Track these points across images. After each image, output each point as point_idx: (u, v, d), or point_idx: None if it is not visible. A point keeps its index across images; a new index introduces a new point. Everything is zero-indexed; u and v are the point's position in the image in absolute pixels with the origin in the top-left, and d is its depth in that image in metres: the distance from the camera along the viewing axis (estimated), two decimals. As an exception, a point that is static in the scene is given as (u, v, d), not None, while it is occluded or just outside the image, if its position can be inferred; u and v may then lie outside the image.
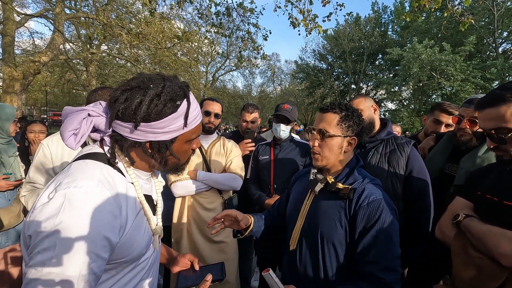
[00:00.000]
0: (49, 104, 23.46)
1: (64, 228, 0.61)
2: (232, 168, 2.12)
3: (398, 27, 23.21)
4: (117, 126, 0.74)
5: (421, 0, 3.58)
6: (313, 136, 1.16)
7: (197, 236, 2.02)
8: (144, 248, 0.82)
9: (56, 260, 0.60)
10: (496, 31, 16.14)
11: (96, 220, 0.65)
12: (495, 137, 0.99)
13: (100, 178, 0.71)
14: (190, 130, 0.81)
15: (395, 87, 20.59)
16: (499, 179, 1.10)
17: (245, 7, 5.72)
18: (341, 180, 1.12)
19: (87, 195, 0.65)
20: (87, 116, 0.73)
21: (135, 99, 0.72)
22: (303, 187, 1.27)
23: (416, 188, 1.55)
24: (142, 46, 11.50)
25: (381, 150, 1.67)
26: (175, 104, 0.75)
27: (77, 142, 0.73)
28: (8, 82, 8.74)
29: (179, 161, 0.85)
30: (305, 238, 1.14)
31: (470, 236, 1.02)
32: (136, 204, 0.81)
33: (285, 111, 2.22)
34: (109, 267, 0.74)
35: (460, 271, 1.03)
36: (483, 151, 1.55)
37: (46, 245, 0.61)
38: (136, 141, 0.76)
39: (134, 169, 0.83)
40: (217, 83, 28.52)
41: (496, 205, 1.05)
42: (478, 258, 0.97)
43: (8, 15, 9.11)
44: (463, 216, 1.09)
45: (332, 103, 1.16)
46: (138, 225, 0.80)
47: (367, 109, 1.73)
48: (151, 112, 0.72)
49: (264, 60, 6.47)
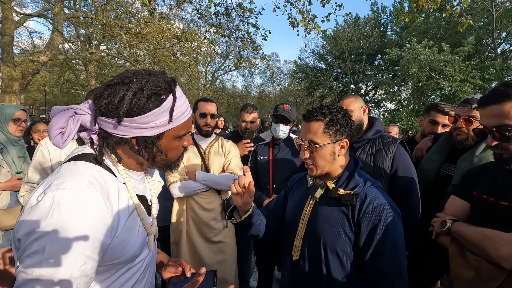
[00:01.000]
0: (48, 104, 23.40)
1: (53, 231, 0.60)
2: (231, 168, 2.12)
3: (397, 28, 23.24)
4: (102, 122, 0.73)
5: (419, 1, 3.59)
6: (302, 148, 1.11)
7: (196, 237, 2.02)
8: (138, 250, 0.81)
9: (46, 263, 0.59)
10: (495, 32, 16.18)
11: (86, 222, 0.64)
12: (497, 134, 0.98)
13: (91, 179, 0.69)
14: (178, 126, 0.78)
15: (394, 87, 20.62)
16: (495, 180, 1.10)
17: (244, 7, 5.72)
18: (342, 185, 1.08)
19: (76, 196, 0.64)
20: (74, 115, 0.72)
21: (118, 93, 0.70)
22: (302, 193, 1.23)
23: (402, 186, 1.55)
24: (141, 46, 11.50)
25: (368, 149, 1.68)
26: (159, 98, 0.72)
27: (63, 141, 0.72)
28: (7, 82, 8.72)
29: (169, 158, 0.82)
30: (307, 247, 1.10)
31: (464, 242, 1.03)
32: (128, 205, 0.79)
33: (284, 111, 2.23)
34: (102, 269, 0.73)
35: (458, 273, 1.04)
36: (480, 150, 1.55)
37: (35, 248, 0.59)
38: (122, 137, 0.74)
39: (126, 169, 0.82)
40: (217, 83, 28.50)
41: (492, 205, 1.05)
42: (475, 261, 0.98)
43: (7, 14, 9.09)
44: (451, 222, 1.10)
45: (314, 108, 1.10)
46: (131, 226, 0.78)
47: (357, 110, 1.72)
48: (133, 106, 0.70)
49: (264, 61, 6.47)
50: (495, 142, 1.01)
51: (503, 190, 1.04)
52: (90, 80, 14.66)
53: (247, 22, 6.05)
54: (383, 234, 0.96)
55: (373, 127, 1.74)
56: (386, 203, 1.00)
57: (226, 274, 2.06)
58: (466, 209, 1.17)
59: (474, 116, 1.57)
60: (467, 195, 1.18)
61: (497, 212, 1.03)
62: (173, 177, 2.01)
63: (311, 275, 1.09)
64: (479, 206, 1.12)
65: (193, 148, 2.12)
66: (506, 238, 0.91)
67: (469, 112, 1.58)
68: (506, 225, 0.95)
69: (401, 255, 0.98)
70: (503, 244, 0.90)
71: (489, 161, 1.44)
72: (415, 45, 15.79)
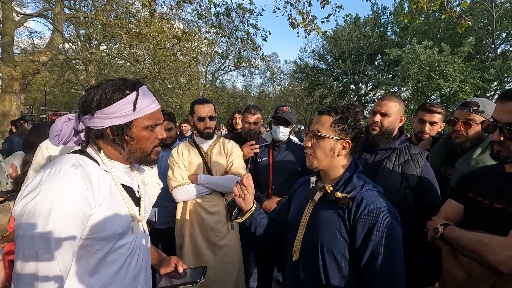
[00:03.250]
0: (48, 103, 23.42)
1: (40, 199, 0.74)
2: (234, 169, 2.07)
3: (397, 28, 23.28)
4: (84, 119, 0.90)
5: (419, 3, 3.60)
6: (308, 137, 1.16)
7: (200, 241, 1.98)
8: (119, 228, 0.90)
9: (37, 228, 0.73)
10: (495, 32, 16.19)
11: (69, 191, 0.78)
12: (506, 131, 0.99)
13: (74, 163, 0.84)
14: (144, 116, 0.91)
15: (394, 87, 20.63)
16: (490, 182, 1.12)
17: (244, 8, 5.72)
18: (339, 189, 1.10)
19: (61, 172, 0.79)
20: (67, 120, 0.92)
21: (91, 93, 0.88)
22: (304, 196, 1.25)
23: (429, 201, 1.53)
24: (142, 46, 11.51)
25: (394, 159, 1.62)
26: (123, 93, 0.88)
27: (59, 141, 0.91)
28: (7, 82, 8.73)
29: (142, 147, 0.94)
30: (306, 248, 1.13)
31: (459, 248, 1.04)
32: (111, 188, 0.91)
33: (284, 113, 2.24)
34: (86, 243, 0.83)
35: (451, 274, 1.07)
36: (478, 153, 1.57)
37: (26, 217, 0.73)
38: (98, 128, 0.88)
39: (110, 160, 0.95)
40: (217, 83, 28.53)
41: (487, 207, 1.06)
42: (467, 262, 1.00)
43: (7, 14, 9.10)
44: (442, 228, 1.11)
45: (330, 106, 1.17)
46: (112, 206, 0.89)
47: (394, 115, 1.64)
48: (101, 99, 0.86)
49: (264, 61, 6.48)
50: (501, 138, 1.01)
51: (498, 193, 1.05)
52: (90, 80, 14.68)
53: (247, 23, 6.06)
54: (379, 237, 0.97)
55: (401, 136, 1.69)
56: (383, 207, 1.00)
57: (232, 277, 2.02)
58: (460, 211, 1.19)
59: (473, 119, 1.58)
60: (463, 198, 1.20)
61: (492, 214, 1.04)
62: (175, 181, 1.97)
63: (309, 276, 1.10)
64: (474, 208, 1.13)
65: (194, 150, 2.08)
66: (502, 242, 0.92)
67: (468, 115, 1.59)
68: (500, 228, 0.96)
69: (397, 259, 0.98)
70: (500, 249, 0.90)
71: (486, 164, 1.46)
72: (415, 46, 15.80)
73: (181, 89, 14.29)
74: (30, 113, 28.93)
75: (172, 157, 2.06)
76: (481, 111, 1.57)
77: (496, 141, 1.04)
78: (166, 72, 12.41)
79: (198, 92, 19.03)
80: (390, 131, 1.65)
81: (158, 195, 1.83)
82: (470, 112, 1.59)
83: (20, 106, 9.35)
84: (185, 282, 1.06)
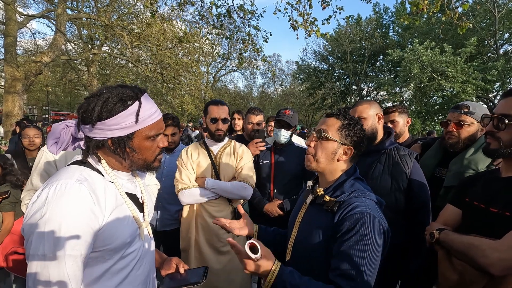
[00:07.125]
0: (51, 104, 23.52)
1: (49, 219, 0.74)
2: (242, 176, 2.02)
3: (399, 28, 23.19)
4: (83, 129, 0.87)
5: (419, 5, 3.59)
6: (311, 136, 1.16)
7: (204, 246, 1.96)
8: (128, 238, 0.90)
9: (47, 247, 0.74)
10: (497, 33, 16.13)
11: (76, 208, 0.78)
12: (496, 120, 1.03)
13: (79, 177, 0.83)
14: (146, 127, 0.89)
15: (396, 88, 20.58)
16: (486, 187, 1.14)
17: (245, 9, 5.73)
18: (329, 192, 1.11)
19: (66, 190, 0.78)
20: (66, 127, 0.88)
21: (91, 103, 0.84)
22: (302, 199, 1.28)
23: (419, 202, 1.56)
24: (143, 46, 11.54)
25: (384, 161, 1.64)
26: (125, 103, 0.85)
27: (58, 149, 0.88)
28: (10, 82, 8.77)
29: (144, 157, 0.93)
30: (296, 249, 1.15)
31: (452, 251, 1.07)
32: (116, 198, 0.90)
33: (286, 116, 2.25)
34: (96, 255, 0.84)
35: (445, 276, 1.10)
36: (470, 153, 1.65)
37: (36, 237, 0.74)
38: (99, 139, 0.86)
39: (113, 170, 0.94)
40: (218, 84, 28.57)
41: (483, 211, 1.09)
42: (460, 265, 1.03)
43: (10, 15, 9.15)
44: (438, 233, 1.15)
45: (339, 110, 1.17)
46: (119, 217, 0.88)
47: (371, 118, 1.69)
48: (103, 111, 0.83)
49: (264, 63, 6.49)
50: (491, 129, 1.06)
51: (494, 197, 1.08)
52: (92, 81, 14.73)
53: (248, 24, 6.07)
54: (354, 240, 0.94)
55: (389, 138, 1.72)
56: (370, 214, 0.97)
57: (236, 284, 2.00)
58: (458, 216, 1.21)
59: (464, 120, 1.68)
60: (460, 202, 1.22)
61: (487, 218, 1.06)
62: (182, 183, 1.95)
63: None
64: (471, 212, 1.15)
65: (204, 152, 2.05)
66: (492, 245, 0.94)
67: (459, 117, 1.70)
68: (495, 232, 0.98)
69: (368, 269, 0.93)
70: (490, 252, 0.93)
71: (480, 163, 1.54)
72: (417, 46, 15.75)
73: (182, 89, 14.31)
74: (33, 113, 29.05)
75: (181, 158, 2.04)
76: (471, 113, 1.68)
77: (489, 131, 1.08)
78: (167, 73, 12.44)
79: (200, 93, 19.06)
80: (372, 133, 1.69)
81: (160, 198, 1.84)
82: (461, 114, 1.69)
83: (23, 106, 9.40)
84: (188, 283, 1.06)
